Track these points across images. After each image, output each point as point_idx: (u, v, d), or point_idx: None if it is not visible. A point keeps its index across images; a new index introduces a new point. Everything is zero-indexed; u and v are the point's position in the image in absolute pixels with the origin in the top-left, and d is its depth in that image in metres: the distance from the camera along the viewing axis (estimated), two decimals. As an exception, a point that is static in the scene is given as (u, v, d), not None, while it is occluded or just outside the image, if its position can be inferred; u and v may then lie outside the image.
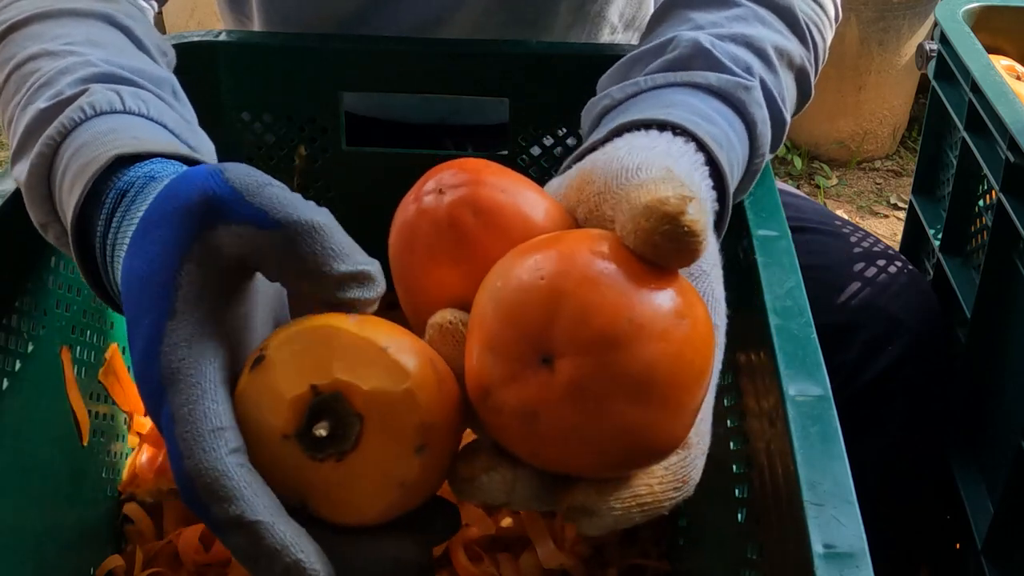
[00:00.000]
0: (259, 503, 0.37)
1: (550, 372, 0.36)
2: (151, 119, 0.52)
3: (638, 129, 0.50)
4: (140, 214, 0.44)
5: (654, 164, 0.43)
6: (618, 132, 0.50)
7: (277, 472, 0.38)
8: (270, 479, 0.38)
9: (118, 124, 0.50)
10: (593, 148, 0.50)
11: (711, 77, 0.55)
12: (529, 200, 0.43)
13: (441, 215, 0.43)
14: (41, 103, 0.52)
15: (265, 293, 0.43)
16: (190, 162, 0.48)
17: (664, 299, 0.37)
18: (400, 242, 0.44)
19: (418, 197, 0.44)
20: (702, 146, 0.49)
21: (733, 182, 0.52)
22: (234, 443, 0.38)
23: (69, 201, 0.47)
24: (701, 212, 0.37)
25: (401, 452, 0.38)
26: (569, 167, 0.50)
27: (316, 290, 0.39)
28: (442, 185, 0.43)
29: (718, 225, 0.51)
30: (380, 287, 0.40)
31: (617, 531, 0.75)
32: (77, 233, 0.47)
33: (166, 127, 0.52)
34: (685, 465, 0.40)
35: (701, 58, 0.57)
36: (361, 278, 0.39)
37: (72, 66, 0.54)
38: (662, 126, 0.50)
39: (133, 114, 0.51)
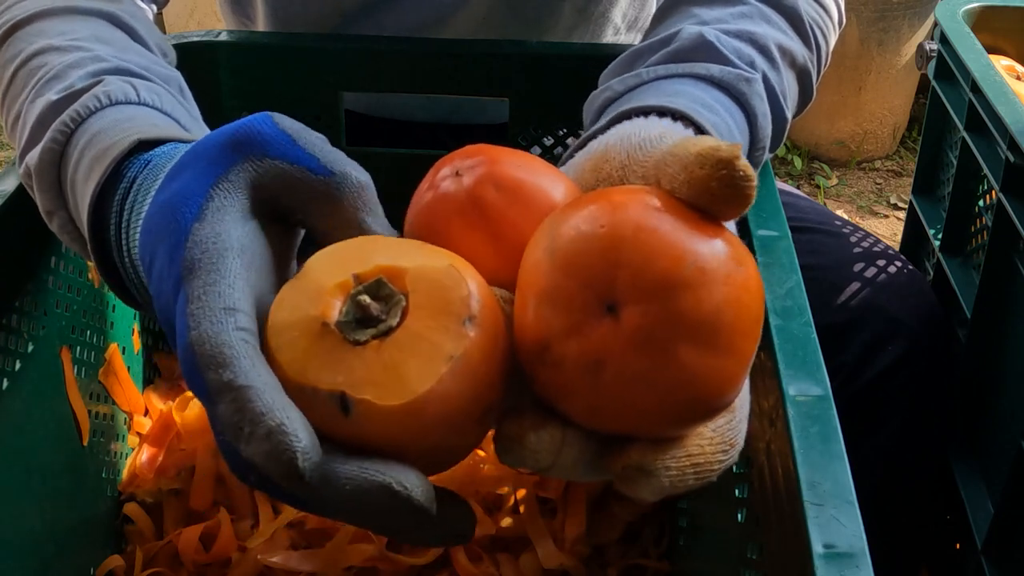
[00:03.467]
0: (254, 373, 0.36)
1: (615, 320, 0.36)
2: (165, 112, 0.52)
3: (639, 116, 0.50)
4: (163, 175, 0.43)
5: (675, 132, 0.43)
6: (619, 119, 0.50)
7: (315, 365, 0.37)
8: (307, 375, 0.37)
9: (135, 113, 0.50)
10: (594, 135, 0.50)
11: (713, 68, 0.55)
12: (547, 175, 0.44)
13: (462, 195, 0.43)
14: (52, 95, 0.52)
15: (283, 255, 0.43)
16: None
17: (722, 245, 0.37)
18: (419, 228, 0.44)
19: (434, 184, 0.44)
20: (704, 133, 0.49)
21: None
22: (244, 323, 0.37)
23: (85, 186, 0.47)
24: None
25: (449, 323, 0.37)
26: (572, 155, 0.50)
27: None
28: (458, 168, 0.43)
29: None
30: None
31: (617, 529, 0.75)
32: (93, 217, 0.47)
33: (179, 122, 0.52)
34: (732, 428, 0.40)
35: (704, 50, 0.57)
36: None
37: (81, 60, 0.54)
38: (663, 112, 0.50)
39: (148, 106, 0.51)
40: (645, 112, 0.50)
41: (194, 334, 0.37)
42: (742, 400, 0.41)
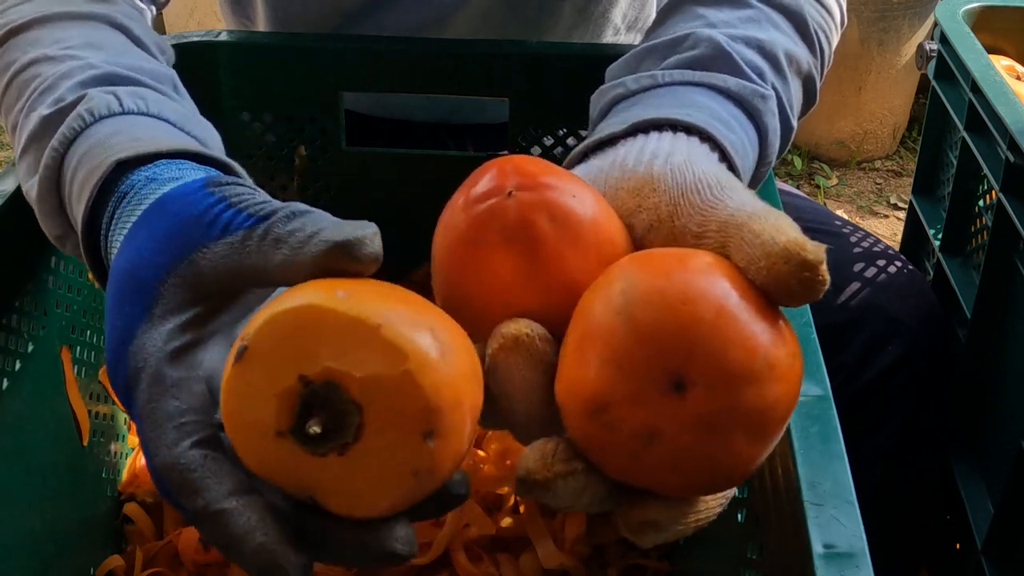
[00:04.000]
0: (222, 491, 0.37)
1: (680, 399, 0.36)
2: (151, 115, 0.52)
3: (661, 129, 0.49)
4: (135, 216, 0.44)
5: (735, 185, 0.43)
6: (640, 128, 0.49)
7: (279, 469, 0.37)
8: (273, 476, 0.37)
9: (118, 127, 0.50)
10: (612, 141, 0.49)
11: (730, 81, 0.55)
12: (596, 207, 0.42)
13: (511, 217, 0.41)
14: (43, 109, 0.52)
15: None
16: (194, 155, 0.48)
17: (786, 339, 0.38)
18: (455, 245, 0.42)
19: (473, 199, 0.42)
20: (723, 153, 0.49)
21: None
22: (198, 434, 0.38)
23: (78, 212, 0.48)
24: None
25: (408, 440, 0.36)
26: (583, 156, 0.50)
27: (310, 273, 0.38)
28: (507, 186, 0.42)
29: None
30: (373, 249, 0.39)
31: (619, 532, 0.75)
32: (87, 241, 0.47)
33: (167, 121, 0.52)
34: None
35: (721, 60, 0.56)
36: (352, 245, 0.38)
37: (72, 70, 0.54)
38: (685, 128, 0.49)
39: (132, 113, 0.51)
40: (668, 125, 0.49)
41: (158, 462, 0.38)
42: None
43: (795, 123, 0.60)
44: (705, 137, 0.49)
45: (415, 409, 0.36)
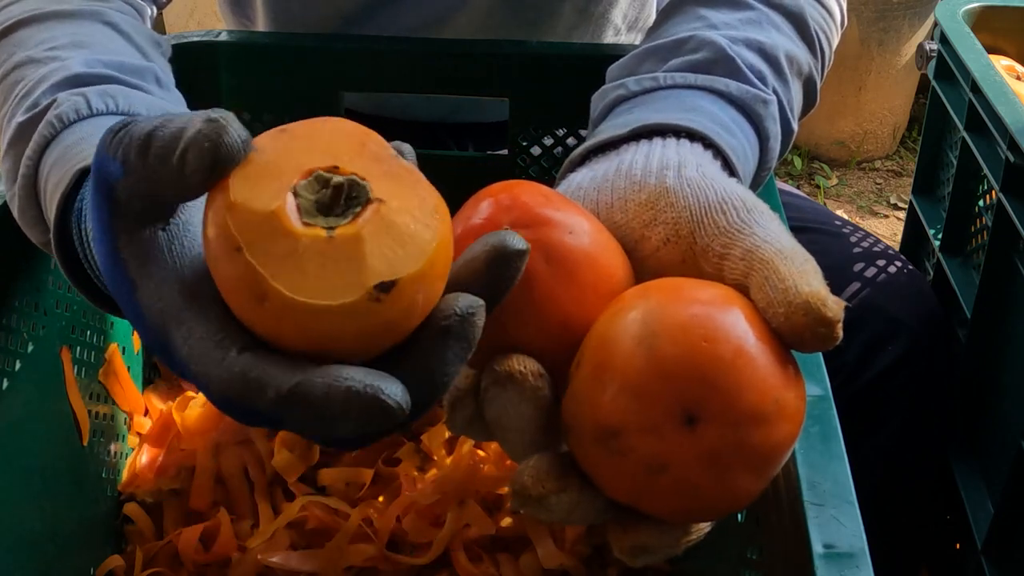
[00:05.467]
0: (285, 372, 0.36)
1: (691, 433, 0.37)
2: (120, 113, 0.52)
3: (664, 134, 0.49)
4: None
5: (763, 210, 0.43)
6: (642, 134, 0.49)
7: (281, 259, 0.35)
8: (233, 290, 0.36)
9: (86, 132, 0.50)
10: (615, 144, 0.49)
11: (732, 86, 0.55)
12: (595, 240, 0.42)
13: None
14: (20, 116, 0.53)
15: None
16: None
17: (796, 381, 0.39)
18: None
19: (470, 230, 0.42)
20: (724, 159, 0.49)
21: None
22: (239, 343, 0.37)
23: (50, 222, 0.48)
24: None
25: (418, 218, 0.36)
26: (584, 157, 0.50)
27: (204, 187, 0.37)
28: (505, 221, 0.42)
29: None
30: (233, 137, 0.36)
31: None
32: (60, 249, 0.48)
33: (139, 116, 0.52)
34: None
35: (722, 63, 0.56)
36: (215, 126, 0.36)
37: (50, 73, 0.54)
38: (687, 134, 0.49)
39: (102, 114, 0.52)
40: (671, 131, 0.49)
41: (218, 383, 0.37)
42: None
43: (795, 126, 0.60)
44: (707, 143, 0.49)
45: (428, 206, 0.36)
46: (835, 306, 0.38)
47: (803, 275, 0.39)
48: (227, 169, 0.36)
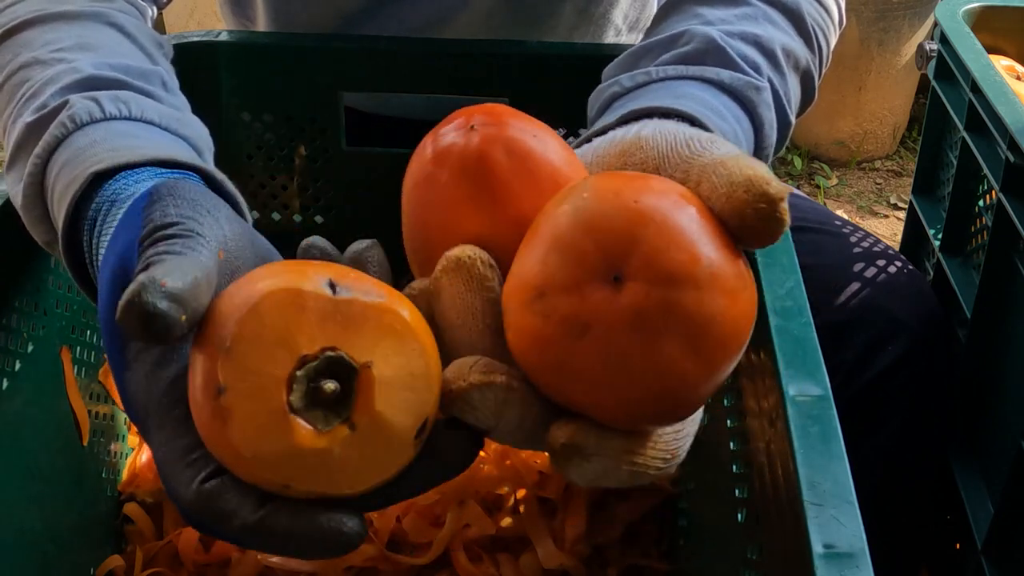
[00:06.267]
0: (251, 504, 0.37)
1: (616, 291, 0.36)
2: (133, 119, 0.52)
3: (651, 117, 0.50)
4: (105, 242, 0.44)
5: (723, 140, 0.43)
6: (631, 118, 0.50)
7: (273, 460, 0.36)
8: (263, 470, 0.37)
9: (99, 135, 0.50)
10: (604, 131, 0.49)
11: (723, 74, 0.55)
12: (558, 151, 0.43)
13: (470, 150, 0.41)
14: (27, 116, 0.52)
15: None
16: (165, 163, 0.48)
17: (736, 262, 0.37)
18: (420, 179, 0.43)
19: (440, 135, 0.43)
20: None
21: None
22: (210, 466, 0.38)
23: (58, 222, 0.48)
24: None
25: (415, 393, 0.38)
26: (580, 147, 0.50)
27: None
28: (473, 122, 0.42)
29: None
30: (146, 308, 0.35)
31: (617, 529, 0.75)
32: (69, 252, 0.48)
33: (151, 122, 0.52)
34: (677, 439, 0.40)
35: (713, 54, 0.56)
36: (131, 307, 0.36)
37: (58, 75, 0.54)
38: (675, 116, 0.50)
39: (114, 119, 0.51)
40: (659, 114, 0.50)
41: (185, 504, 0.38)
42: (693, 417, 0.41)
43: (793, 119, 0.60)
44: (696, 125, 0.49)
45: (419, 364, 0.37)
46: (779, 187, 0.37)
47: (748, 164, 0.38)
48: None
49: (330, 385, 0.36)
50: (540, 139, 0.42)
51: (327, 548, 0.37)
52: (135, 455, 0.79)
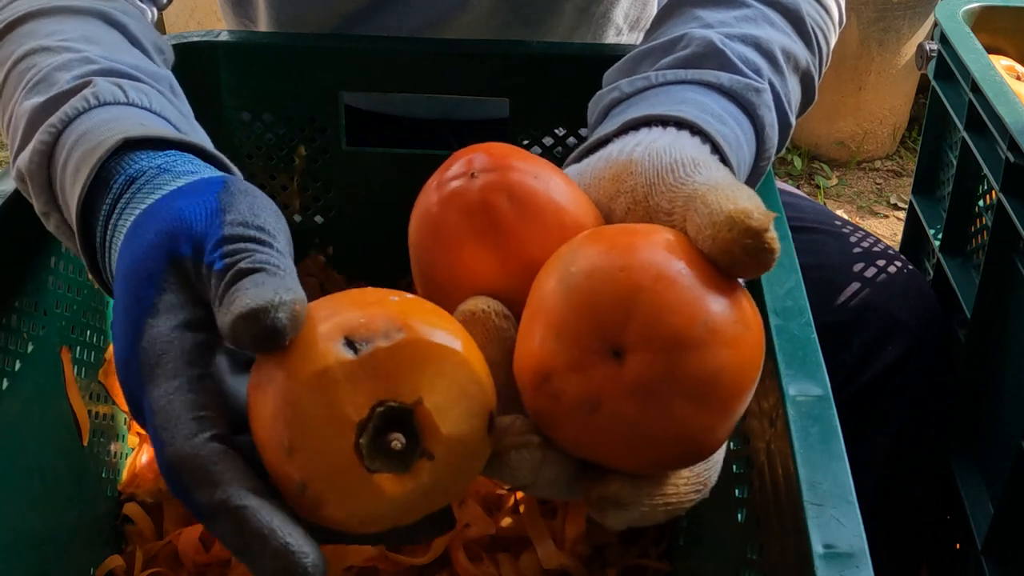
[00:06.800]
0: (244, 487, 0.36)
1: (619, 365, 0.36)
2: (154, 112, 0.52)
3: (651, 125, 0.50)
4: (146, 203, 0.43)
5: (711, 164, 0.43)
6: (631, 127, 0.50)
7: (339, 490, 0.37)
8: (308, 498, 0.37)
9: (121, 114, 0.50)
10: (605, 141, 0.49)
11: (723, 77, 0.55)
12: (561, 188, 0.43)
13: (473, 198, 0.42)
14: (39, 98, 0.52)
15: None
16: (201, 153, 0.48)
17: (733, 306, 0.37)
18: (425, 226, 0.43)
19: (444, 181, 0.43)
20: (715, 146, 0.49)
21: None
22: (218, 428, 0.37)
23: (73, 188, 0.47)
24: (776, 230, 0.37)
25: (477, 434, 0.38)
26: (579, 159, 0.50)
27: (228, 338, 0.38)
28: (473, 168, 0.42)
29: None
30: (273, 322, 0.36)
31: (617, 531, 0.75)
32: (82, 219, 0.47)
33: (168, 121, 0.52)
34: (708, 469, 0.41)
35: (713, 57, 0.56)
36: (252, 318, 0.36)
37: (69, 62, 0.54)
38: (676, 123, 0.49)
39: (136, 106, 0.51)
40: (659, 121, 0.49)
41: (171, 451, 0.36)
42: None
43: (793, 120, 0.60)
44: (696, 131, 0.49)
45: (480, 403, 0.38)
46: (761, 216, 0.37)
47: (729, 197, 0.38)
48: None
49: (397, 441, 0.36)
50: (542, 179, 0.42)
51: (279, 569, 0.36)
52: (135, 455, 0.79)
